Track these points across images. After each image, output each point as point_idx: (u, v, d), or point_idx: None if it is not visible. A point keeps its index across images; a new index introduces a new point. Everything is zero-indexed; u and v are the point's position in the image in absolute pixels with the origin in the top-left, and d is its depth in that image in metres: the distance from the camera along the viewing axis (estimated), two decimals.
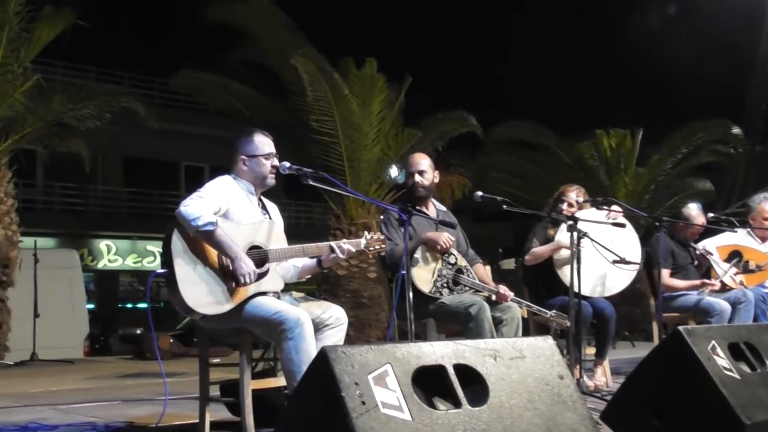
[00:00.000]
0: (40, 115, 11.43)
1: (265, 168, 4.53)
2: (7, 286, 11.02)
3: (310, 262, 4.68)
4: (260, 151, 4.53)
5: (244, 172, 4.52)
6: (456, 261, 5.40)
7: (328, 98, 11.72)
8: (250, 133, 4.57)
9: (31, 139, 11.72)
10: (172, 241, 4.12)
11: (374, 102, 12.11)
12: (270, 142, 4.58)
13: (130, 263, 25.07)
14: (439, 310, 5.24)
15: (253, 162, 4.51)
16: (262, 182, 4.55)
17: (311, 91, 11.67)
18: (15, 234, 11.19)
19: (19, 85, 11.03)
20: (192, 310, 4.07)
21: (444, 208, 5.86)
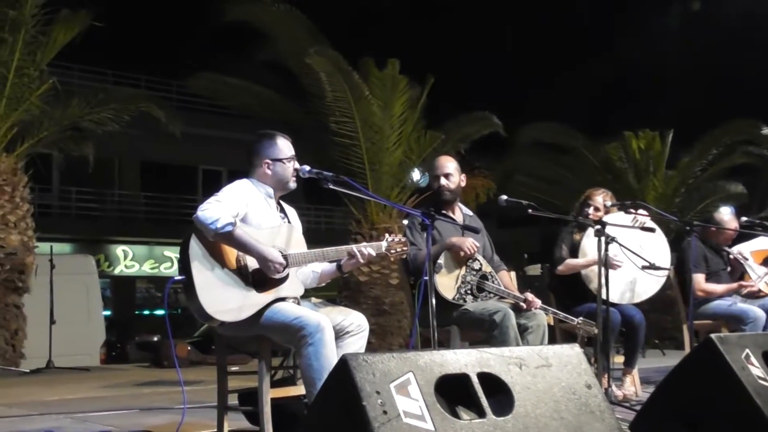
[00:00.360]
0: (57, 119, 11.52)
1: (288, 171, 4.54)
2: (22, 293, 11.12)
3: (329, 267, 4.69)
4: (283, 154, 4.55)
5: (266, 176, 4.53)
6: (481, 267, 5.39)
7: (348, 99, 11.75)
8: (272, 137, 4.59)
9: (48, 143, 11.81)
10: (190, 247, 4.13)
11: (396, 103, 12.14)
12: (290, 145, 4.60)
13: (147, 269, 25.21)
14: (462, 318, 5.22)
15: (277, 166, 4.53)
16: (285, 186, 4.56)
17: (330, 91, 11.71)
18: (31, 239, 11.28)
19: (35, 88, 11.13)
20: (210, 317, 4.09)
21: (470, 213, 5.85)
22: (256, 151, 4.57)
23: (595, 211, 6.41)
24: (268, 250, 4.20)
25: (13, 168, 11.27)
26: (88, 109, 11.68)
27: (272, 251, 4.21)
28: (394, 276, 11.95)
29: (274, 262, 4.19)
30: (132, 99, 12.54)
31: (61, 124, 11.62)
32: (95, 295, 14.91)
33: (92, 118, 11.76)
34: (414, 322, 4.97)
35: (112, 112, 11.86)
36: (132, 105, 12.19)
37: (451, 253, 5.33)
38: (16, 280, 11.01)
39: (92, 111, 11.71)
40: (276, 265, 4.18)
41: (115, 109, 11.90)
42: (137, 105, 12.26)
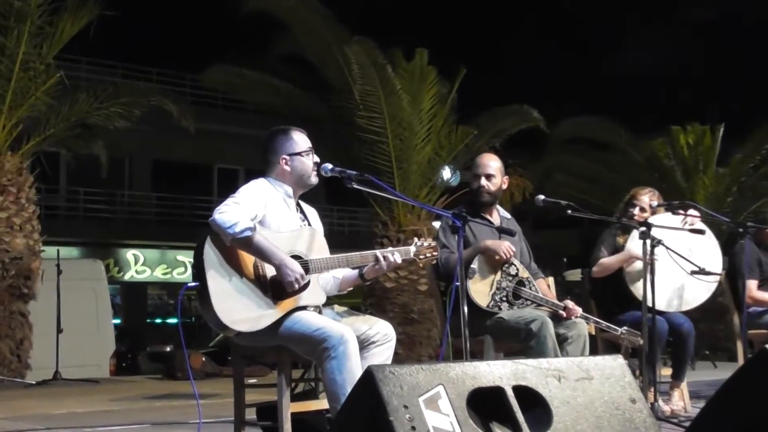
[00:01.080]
0: (64, 115, 11.60)
1: (308, 165, 4.55)
2: (28, 299, 11.19)
3: (351, 273, 4.68)
4: (300, 147, 4.55)
5: (285, 173, 4.54)
6: (517, 272, 5.37)
7: (378, 94, 11.75)
8: (287, 131, 4.60)
9: (54, 141, 11.89)
10: (205, 252, 4.15)
11: (425, 97, 12.12)
12: (307, 138, 4.62)
13: (159, 275, 25.35)
14: (497, 326, 5.21)
15: (295, 160, 4.54)
16: (306, 181, 4.57)
17: (360, 85, 11.71)
18: (37, 243, 11.36)
19: (41, 83, 11.20)
20: (226, 326, 4.10)
21: (508, 216, 5.83)
22: (271, 147, 4.57)
23: (640, 211, 6.37)
24: (289, 260, 4.20)
25: (19, 167, 11.35)
26: (97, 104, 11.76)
27: (293, 262, 4.21)
28: (423, 282, 11.93)
29: (295, 273, 4.19)
30: (143, 93, 12.62)
31: (69, 121, 11.70)
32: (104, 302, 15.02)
33: (101, 114, 11.83)
34: (444, 332, 4.96)
35: (122, 108, 11.92)
36: (143, 100, 12.26)
37: (485, 257, 5.31)
38: (22, 286, 11.09)
39: (101, 106, 11.78)
40: (296, 277, 4.18)
41: (126, 105, 11.97)
42: (149, 99, 12.33)
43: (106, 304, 15.06)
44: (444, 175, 12.73)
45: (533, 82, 25.89)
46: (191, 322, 24.35)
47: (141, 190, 24.98)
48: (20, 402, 8.11)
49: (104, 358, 14.40)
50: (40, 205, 11.90)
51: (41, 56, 11.19)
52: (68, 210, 23.59)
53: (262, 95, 13.02)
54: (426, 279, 11.58)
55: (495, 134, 13.11)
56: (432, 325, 12.11)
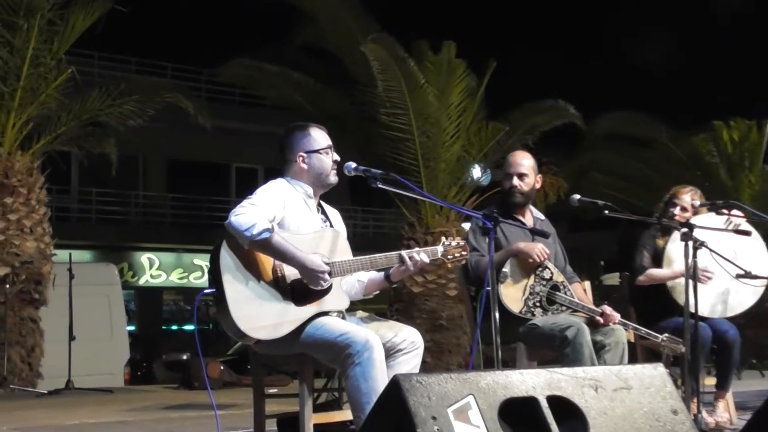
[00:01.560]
0: (76, 112, 11.68)
1: (327, 163, 4.56)
2: (39, 305, 11.27)
3: (377, 276, 4.69)
4: (318, 144, 4.56)
5: (302, 171, 4.55)
6: (551, 276, 5.35)
7: (402, 89, 11.75)
8: (304, 128, 4.61)
9: (66, 139, 11.97)
10: (221, 256, 4.16)
11: (453, 92, 12.12)
12: (326, 136, 4.62)
13: (175, 279, 25.46)
14: (530, 333, 5.20)
15: (313, 158, 4.55)
16: (324, 180, 4.58)
17: (382, 81, 11.72)
18: (48, 246, 11.44)
19: (51, 79, 11.28)
20: (244, 333, 4.11)
21: (542, 217, 5.81)
22: (288, 145, 4.59)
23: (681, 211, 6.34)
24: (311, 258, 4.22)
25: (29, 167, 11.43)
26: (110, 101, 11.82)
27: (315, 259, 4.22)
28: (452, 286, 11.93)
29: (318, 271, 4.20)
30: (157, 89, 12.66)
31: (81, 119, 11.78)
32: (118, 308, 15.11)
33: (114, 111, 11.90)
34: (475, 339, 4.95)
35: (136, 105, 11.99)
36: (157, 96, 12.31)
37: (517, 261, 5.30)
38: (33, 291, 11.18)
39: (114, 103, 11.85)
40: (320, 275, 4.19)
41: (139, 101, 12.03)
42: (163, 96, 12.38)
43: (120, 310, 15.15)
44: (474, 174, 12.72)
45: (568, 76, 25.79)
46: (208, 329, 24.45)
47: (156, 190, 25.08)
48: (31, 412, 8.17)
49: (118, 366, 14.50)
50: (51, 206, 11.98)
51: (52, 52, 11.27)
52: (80, 212, 23.73)
53: (282, 90, 13.06)
54: (455, 284, 11.57)
55: (528, 130, 13.09)
56: (461, 332, 12.11)
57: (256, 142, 23.04)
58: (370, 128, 12.24)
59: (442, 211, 12.47)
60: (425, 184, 12.00)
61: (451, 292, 12.07)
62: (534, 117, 13.16)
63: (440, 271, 12.01)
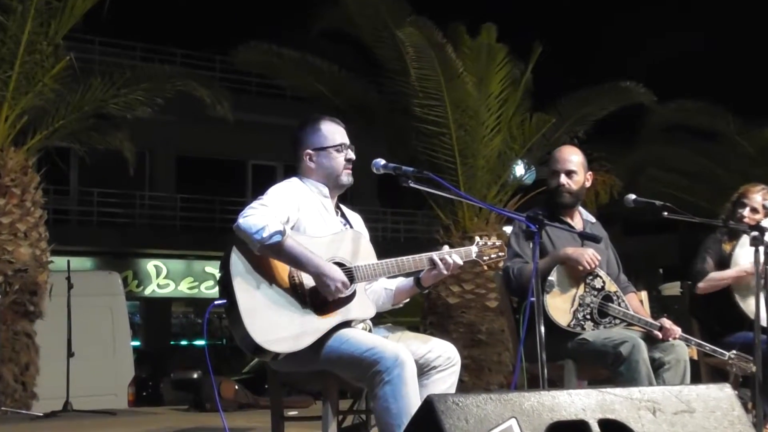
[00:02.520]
0: (75, 104, 11.72)
1: (337, 162, 4.57)
2: (34, 318, 11.32)
3: (405, 282, 4.69)
4: (329, 141, 4.57)
5: (311, 170, 4.57)
6: (603, 285, 5.34)
7: (437, 77, 11.74)
8: (316, 121, 4.62)
9: (64, 134, 12.02)
10: (231, 263, 4.18)
11: (493, 80, 12.10)
12: (342, 131, 4.62)
13: (185, 289, 25.58)
14: (580, 349, 5.19)
15: (321, 156, 4.56)
16: (336, 181, 4.59)
17: (416, 68, 11.71)
18: (44, 253, 11.49)
19: (48, 67, 11.31)
20: (260, 348, 4.11)
21: (593, 219, 5.81)
22: (297, 141, 4.63)
23: (751, 213, 6.30)
24: (327, 265, 4.22)
25: (23, 165, 11.48)
26: (114, 91, 11.86)
27: (332, 267, 4.22)
28: (493, 297, 11.90)
29: (335, 280, 4.20)
30: (167, 77, 12.66)
31: (81, 111, 11.82)
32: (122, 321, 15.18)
33: (118, 102, 11.93)
34: (518, 355, 4.94)
35: (143, 95, 12.01)
36: (167, 85, 12.32)
37: (565, 268, 5.29)
38: (27, 302, 11.22)
39: (118, 93, 11.89)
40: (337, 284, 4.19)
41: (147, 91, 12.04)
42: (174, 85, 12.38)
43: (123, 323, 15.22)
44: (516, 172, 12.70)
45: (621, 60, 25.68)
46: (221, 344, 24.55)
47: (164, 190, 25.20)
48: None
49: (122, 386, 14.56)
50: (47, 208, 12.03)
51: (49, 36, 11.31)
52: (80, 214, 23.90)
53: (303, 79, 13.09)
54: (495, 294, 11.54)
55: (578, 121, 13.02)
56: (503, 348, 12.08)
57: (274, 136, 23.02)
58: (401, 121, 12.23)
59: (480, 213, 12.45)
60: (462, 183, 11.98)
61: (491, 304, 12.04)
62: (586, 105, 13.06)
63: (479, 281, 11.99)
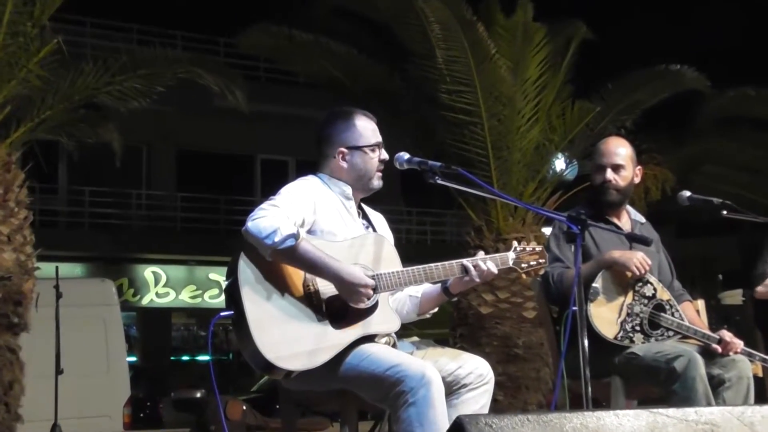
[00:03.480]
0: (64, 92, 11.73)
1: (372, 164, 4.58)
2: (19, 331, 11.33)
3: (432, 289, 4.69)
4: (365, 140, 4.57)
5: (341, 170, 4.57)
6: (654, 293, 5.32)
7: (467, 60, 11.70)
8: (349, 116, 4.62)
9: (52, 126, 12.02)
10: (240, 270, 4.19)
11: (530, 64, 12.05)
12: (376, 128, 4.64)
13: (187, 298, 25.62)
14: (628, 365, 5.19)
15: (355, 156, 4.56)
16: (366, 185, 4.60)
17: (443, 50, 11.67)
18: (30, 258, 11.50)
19: (33, 51, 11.32)
20: (271, 365, 4.12)
21: (642, 219, 5.80)
22: (326, 136, 4.61)
23: None
24: (349, 269, 4.22)
25: (6, 161, 11.49)
26: (107, 78, 11.86)
27: (355, 270, 4.23)
28: (530, 306, 11.87)
29: (359, 284, 4.20)
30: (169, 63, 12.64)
31: (70, 100, 11.83)
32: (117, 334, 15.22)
33: (112, 90, 11.93)
34: (558, 371, 4.93)
35: (140, 82, 12.00)
36: (168, 71, 12.32)
37: (612, 274, 5.29)
38: (11, 314, 11.24)
39: (112, 81, 11.89)
40: (362, 289, 4.19)
41: (144, 78, 12.04)
42: (175, 71, 12.38)
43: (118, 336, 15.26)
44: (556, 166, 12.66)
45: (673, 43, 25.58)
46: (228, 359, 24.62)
47: (163, 189, 25.24)
48: None
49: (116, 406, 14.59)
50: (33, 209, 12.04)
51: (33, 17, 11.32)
52: (70, 216, 23.97)
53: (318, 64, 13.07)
54: (533, 303, 11.52)
55: (626, 109, 12.94)
56: (542, 364, 12.04)
57: (286, 127, 23.12)
58: (426, 110, 12.21)
59: (516, 212, 12.42)
60: (496, 179, 11.95)
61: (529, 314, 12.01)
62: (635, 91, 12.99)
63: (514, 288, 11.96)
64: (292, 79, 21.62)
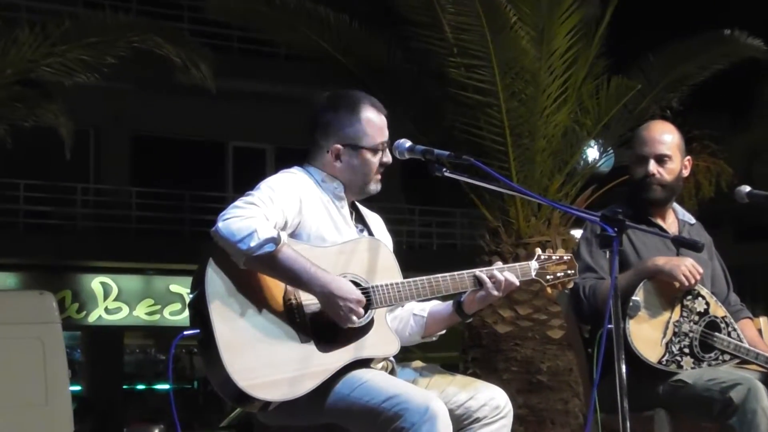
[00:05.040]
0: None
1: (370, 167, 4.59)
2: None
3: (442, 307, 4.70)
4: (369, 140, 4.58)
5: (332, 167, 4.58)
6: (707, 308, 5.34)
7: (482, 29, 11.68)
8: (357, 105, 4.62)
9: None
10: (207, 280, 4.20)
11: (558, 33, 12.03)
12: (385, 124, 4.63)
13: (142, 315, 25.54)
14: (675, 395, 5.21)
15: (353, 157, 4.58)
16: (362, 188, 4.63)
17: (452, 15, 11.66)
18: None
19: None
20: (245, 394, 4.13)
21: (692, 220, 5.81)
22: (324, 124, 4.62)
23: None
24: (337, 280, 4.22)
25: None
26: (47, 48, 11.86)
27: (343, 283, 4.23)
28: (557, 324, 11.89)
29: (348, 299, 4.20)
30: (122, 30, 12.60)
31: (3, 75, 11.84)
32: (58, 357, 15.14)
33: (53, 63, 11.93)
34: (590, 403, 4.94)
35: (87, 54, 12.00)
36: (121, 41, 12.29)
37: (655, 285, 5.31)
38: None
39: (53, 52, 11.89)
40: (351, 306, 4.19)
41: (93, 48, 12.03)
42: (129, 40, 12.35)
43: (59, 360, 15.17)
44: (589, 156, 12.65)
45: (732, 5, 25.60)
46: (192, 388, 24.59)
47: (114, 182, 25.19)
48: None
49: None
50: None
51: None
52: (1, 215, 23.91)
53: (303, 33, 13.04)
54: (560, 320, 11.53)
55: (671, 86, 12.87)
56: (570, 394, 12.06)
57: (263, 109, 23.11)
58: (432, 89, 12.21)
59: (540, 211, 12.41)
60: (516, 171, 11.94)
61: (555, 334, 12.01)
62: (683, 64, 12.91)
63: (537, 302, 11.96)
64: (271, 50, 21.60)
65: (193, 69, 12.34)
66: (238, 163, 26.29)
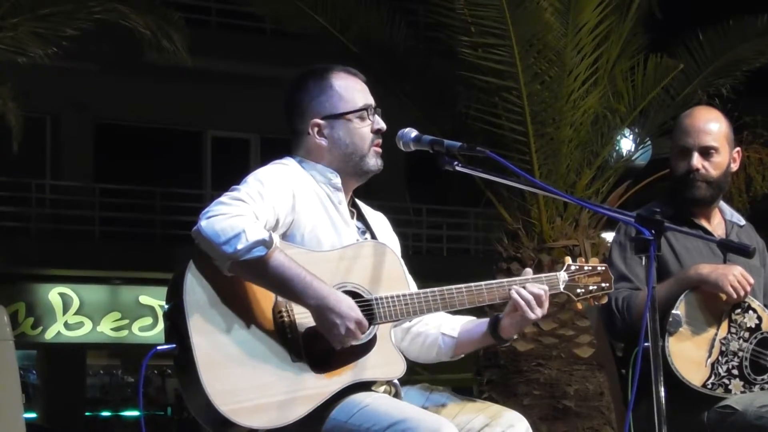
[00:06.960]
0: None
1: (362, 136, 4.59)
2: None
3: (475, 327, 4.68)
4: (348, 104, 4.59)
5: (320, 149, 4.59)
6: (759, 323, 5.35)
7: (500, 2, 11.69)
8: (323, 74, 4.64)
9: None
10: (186, 288, 4.21)
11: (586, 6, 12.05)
12: (363, 86, 4.65)
13: (108, 331, 25.54)
14: (723, 422, 5.23)
15: (336, 127, 4.58)
16: (358, 165, 4.62)
17: None
18: None
19: None
20: (227, 421, 4.15)
21: (742, 221, 5.82)
22: (296, 105, 4.64)
23: None
24: (335, 294, 4.24)
25: None
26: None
27: (344, 298, 4.24)
28: (585, 341, 11.90)
29: (347, 317, 4.22)
30: None
31: None
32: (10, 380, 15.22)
33: (2, 39, 11.94)
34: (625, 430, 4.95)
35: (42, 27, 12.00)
36: (81, 11, 12.27)
37: (699, 297, 5.32)
38: None
39: (1, 26, 11.89)
40: (349, 326, 4.21)
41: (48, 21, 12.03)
42: (91, 11, 12.33)
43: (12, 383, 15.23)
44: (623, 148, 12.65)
45: None
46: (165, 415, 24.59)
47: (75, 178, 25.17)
48: None
49: None
50: None
51: None
52: None
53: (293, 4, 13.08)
54: (589, 337, 11.55)
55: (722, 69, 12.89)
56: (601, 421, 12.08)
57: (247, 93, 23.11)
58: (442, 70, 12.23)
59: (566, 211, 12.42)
60: (538, 164, 11.95)
61: (583, 352, 12.03)
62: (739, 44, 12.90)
63: (563, 315, 11.95)
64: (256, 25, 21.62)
65: (164, 41, 12.26)
66: (217, 156, 26.26)
